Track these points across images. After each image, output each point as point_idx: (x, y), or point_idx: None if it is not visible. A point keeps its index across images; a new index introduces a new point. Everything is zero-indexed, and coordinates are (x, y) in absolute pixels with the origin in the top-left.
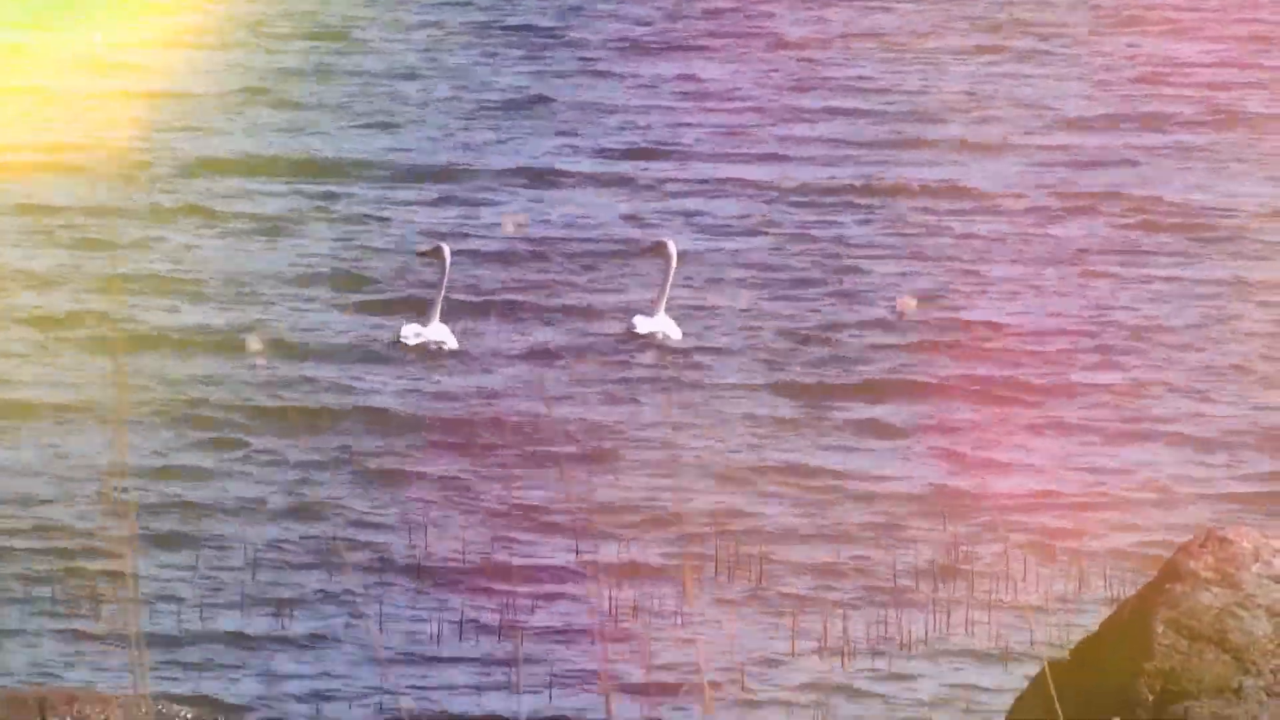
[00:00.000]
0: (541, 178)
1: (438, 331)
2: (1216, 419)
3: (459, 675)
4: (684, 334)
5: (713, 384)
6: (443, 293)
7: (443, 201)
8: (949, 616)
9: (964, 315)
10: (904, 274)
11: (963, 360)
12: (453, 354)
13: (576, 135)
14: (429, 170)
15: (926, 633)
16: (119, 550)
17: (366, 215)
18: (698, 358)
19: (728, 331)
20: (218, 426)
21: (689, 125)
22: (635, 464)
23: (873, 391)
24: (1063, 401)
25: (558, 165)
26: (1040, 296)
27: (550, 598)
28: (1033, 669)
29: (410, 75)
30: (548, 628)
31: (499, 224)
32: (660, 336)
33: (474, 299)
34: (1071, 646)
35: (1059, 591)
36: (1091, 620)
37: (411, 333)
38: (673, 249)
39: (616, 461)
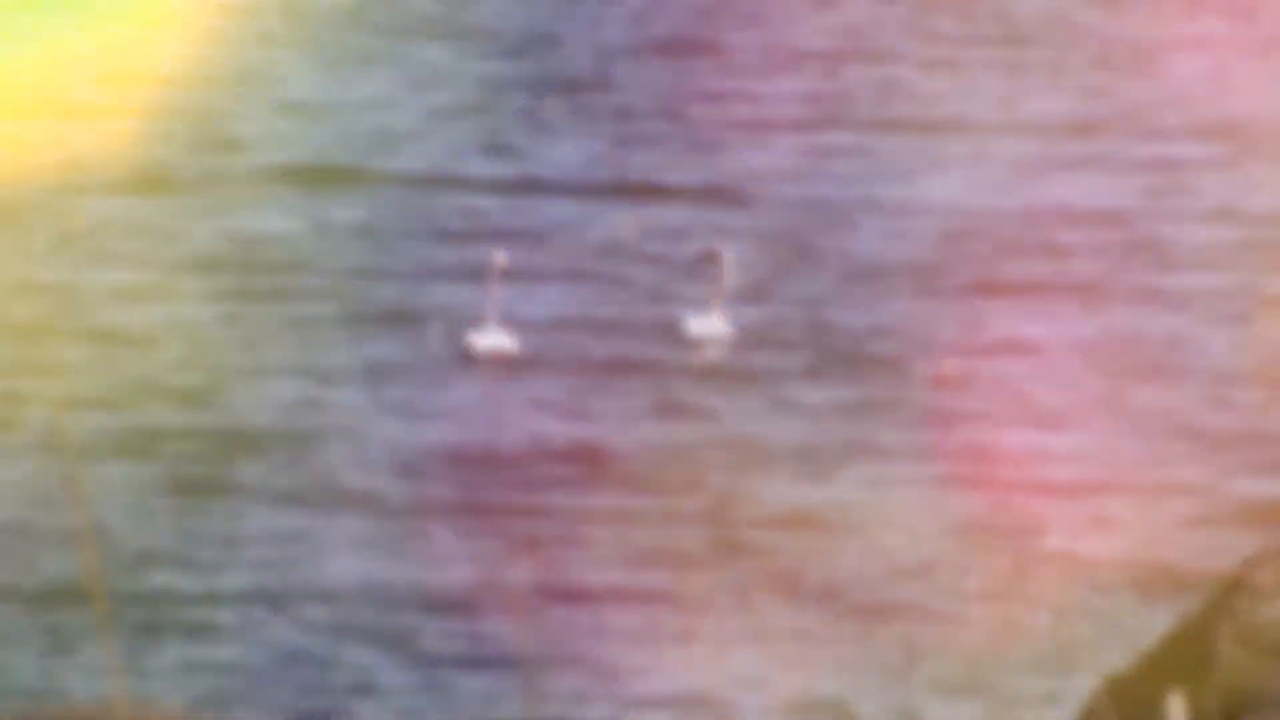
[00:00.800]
0: (593, 191)
1: (499, 338)
2: (1274, 436)
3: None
4: (735, 338)
5: (761, 398)
6: (495, 295)
7: (503, 210)
8: (1008, 630)
9: (1003, 336)
10: (937, 293)
11: (1008, 386)
12: (513, 367)
13: (620, 146)
14: (486, 179)
15: (987, 645)
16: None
17: (410, 225)
18: (749, 363)
19: (781, 343)
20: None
21: (733, 142)
22: (688, 479)
23: (913, 413)
24: (1109, 421)
25: (606, 176)
26: (1078, 314)
27: (604, 623)
28: (1093, 682)
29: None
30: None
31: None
32: (713, 338)
33: (530, 312)
34: (1133, 660)
35: (1119, 604)
36: (1154, 633)
37: (479, 339)
38: (724, 256)
39: (672, 473)
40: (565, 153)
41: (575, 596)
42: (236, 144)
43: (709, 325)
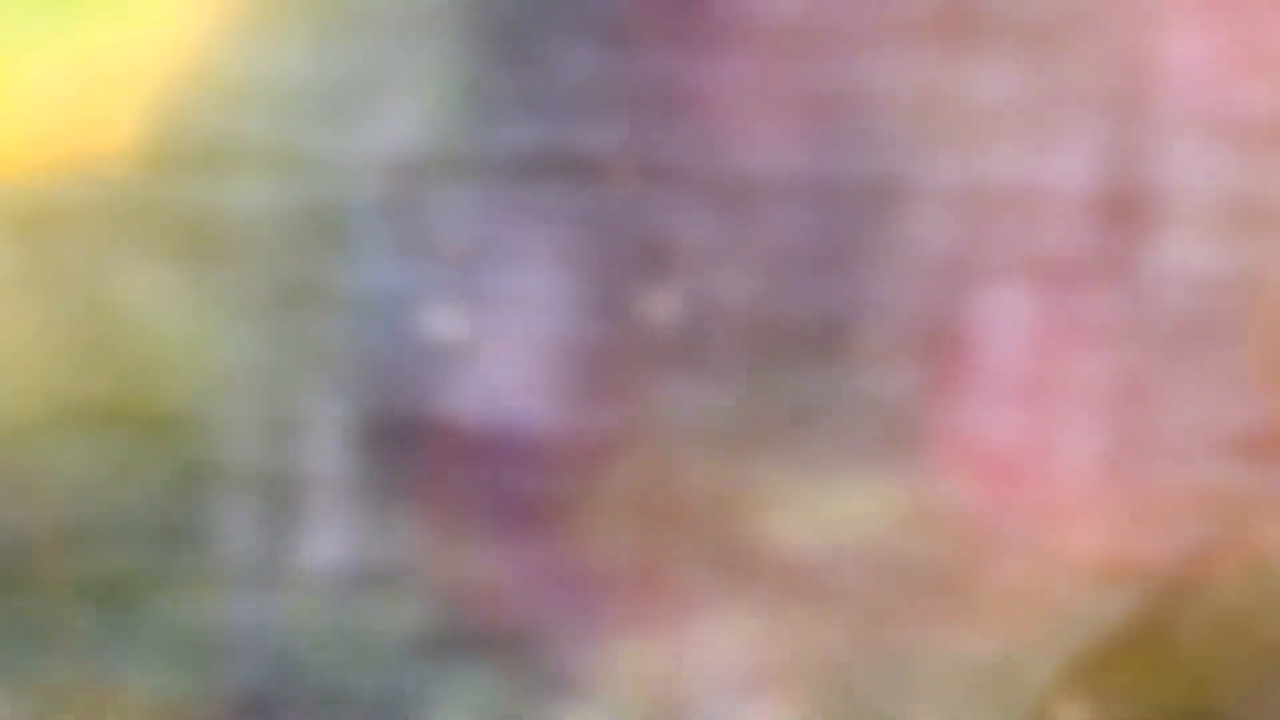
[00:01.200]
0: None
1: (447, 319)
2: (1241, 419)
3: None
4: (684, 318)
5: (710, 378)
6: (443, 276)
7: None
8: (960, 616)
9: (957, 313)
10: (887, 270)
11: (961, 365)
12: (461, 348)
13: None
14: (433, 159)
15: (939, 631)
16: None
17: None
18: (699, 342)
19: (730, 322)
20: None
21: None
22: (636, 459)
23: (863, 394)
24: (1066, 404)
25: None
26: (1032, 291)
27: (550, 605)
28: (1050, 672)
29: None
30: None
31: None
32: (662, 318)
33: (479, 292)
34: (1094, 648)
35: (1077, 591)
36: (1113, 622)
37: (427, 320)
38: (674, 236)
39: (619, 453)
40: (514, 132)
41: (521, 579)
42: (183, 125)
43: (658, 305)
